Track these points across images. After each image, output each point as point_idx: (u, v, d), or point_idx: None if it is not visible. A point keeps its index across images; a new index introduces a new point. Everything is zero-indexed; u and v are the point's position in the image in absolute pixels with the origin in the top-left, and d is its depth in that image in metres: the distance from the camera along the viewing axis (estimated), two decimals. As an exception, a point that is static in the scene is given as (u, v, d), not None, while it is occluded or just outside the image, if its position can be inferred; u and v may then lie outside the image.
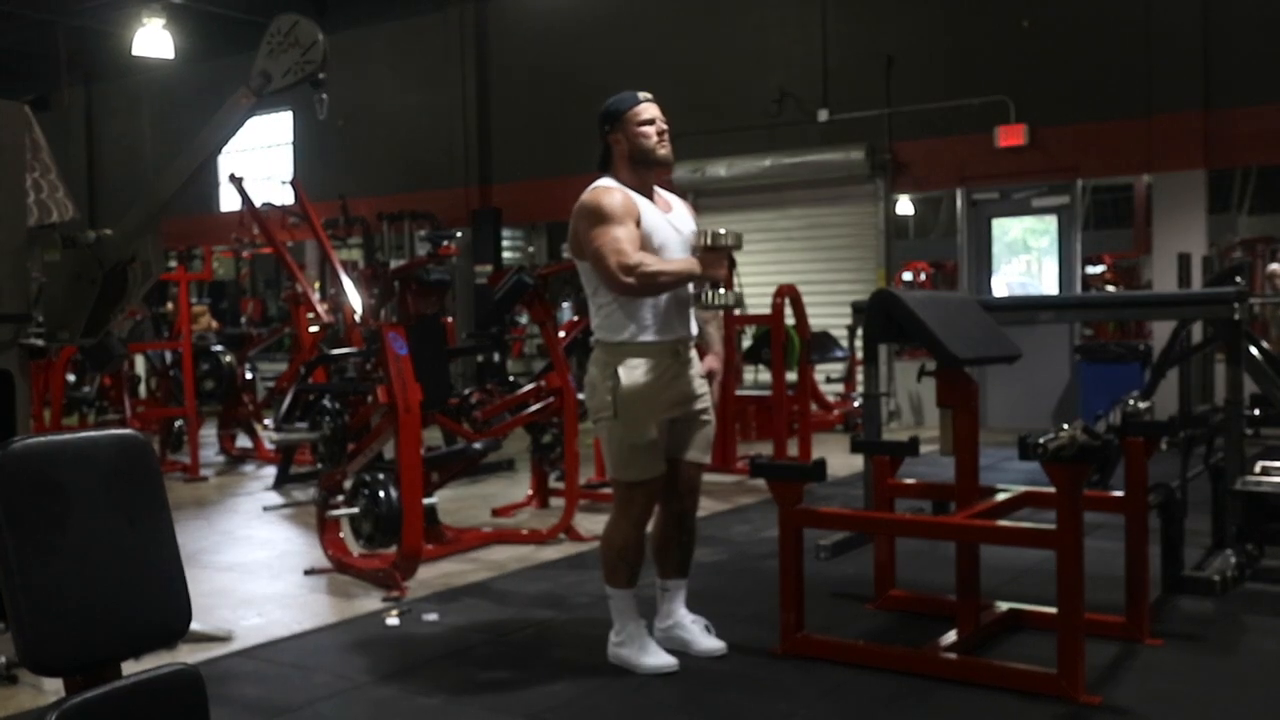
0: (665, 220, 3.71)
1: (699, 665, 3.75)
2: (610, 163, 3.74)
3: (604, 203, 3.57)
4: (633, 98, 3.71)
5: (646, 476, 3.66)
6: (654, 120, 3.68)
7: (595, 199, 3.60)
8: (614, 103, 3.72)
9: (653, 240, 3.63)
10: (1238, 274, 6.47)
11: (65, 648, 1.74)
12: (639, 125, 3.67)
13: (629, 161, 3.69)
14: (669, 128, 3.70)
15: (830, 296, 10.68)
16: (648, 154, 3.67)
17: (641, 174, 3.71)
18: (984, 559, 3.98)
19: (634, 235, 3.55)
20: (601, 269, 3.52)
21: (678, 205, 3.86)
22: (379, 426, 5.18)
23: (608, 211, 3.55)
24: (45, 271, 4.25)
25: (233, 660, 4.00)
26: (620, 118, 3.68)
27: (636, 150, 3.67)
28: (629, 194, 3.63)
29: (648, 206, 3.67)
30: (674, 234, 3.72)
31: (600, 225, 3.53)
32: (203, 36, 15.05)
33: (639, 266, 3.47)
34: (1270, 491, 4.57)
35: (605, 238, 3.51)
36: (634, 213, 3.59)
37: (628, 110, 3.68)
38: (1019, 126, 10.40)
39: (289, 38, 4.34)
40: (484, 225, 13.72)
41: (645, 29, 12.63)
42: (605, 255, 3.49)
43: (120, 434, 1.93)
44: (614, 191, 3.62)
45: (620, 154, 3.70)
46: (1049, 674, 3.40)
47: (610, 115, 3.71)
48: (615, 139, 3.70)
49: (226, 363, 9.21)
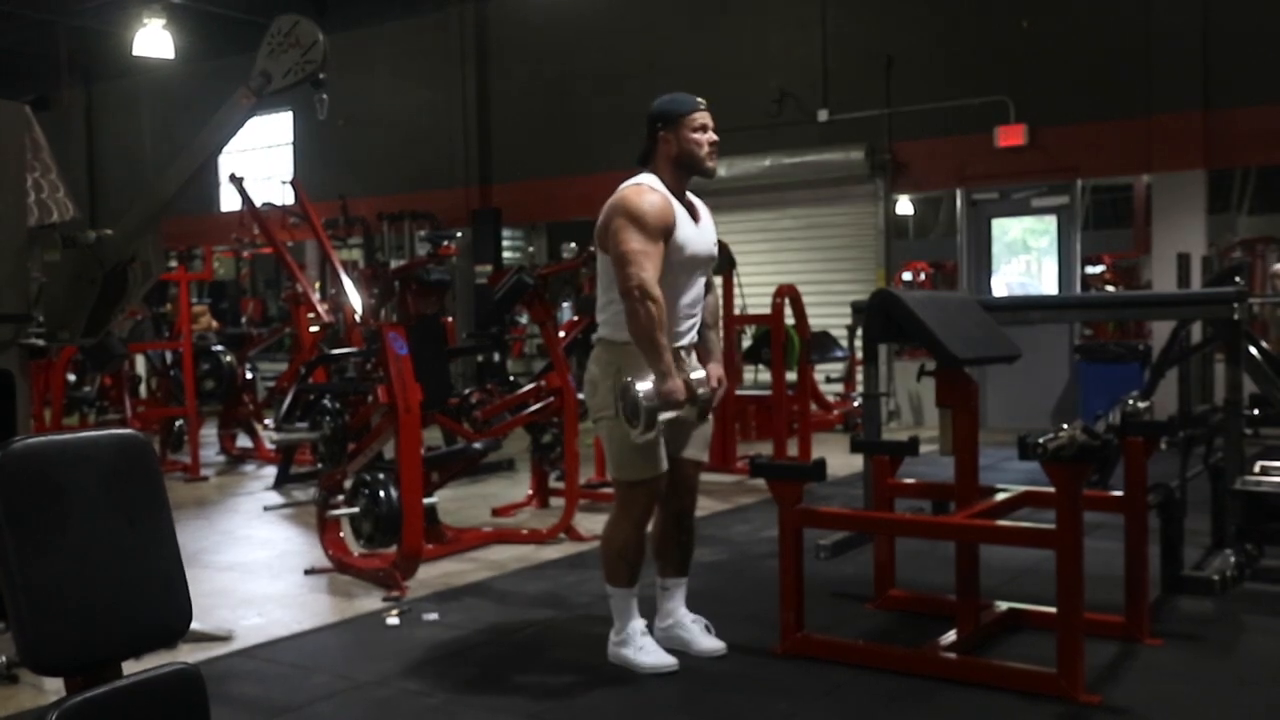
0: (696, 233, 3.68)
1: (699, 665, 3.75)
2: (651, 159, 3.70)
3: (644, 208, 3.52)
4: (692, 102, 3.68)
5: (647, 475, 3.66)
6: (708, 129, 3.67)
7: (637, 200, 3.55)
8: (671, 103, 3.68)
9: (685, 251, 3.60)
10: (1237, 274, 6.47)
11: (66, 647, 1.74)
12: (694, 130, 3.64)
13: (673, 163, 3.66)
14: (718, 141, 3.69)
15: (830, 296, 10.68)
16: (698, 162, 3.65)
17: (682, 178, 3.69)
18: (984, 559, 3.99)
19: (660, 254, 3.50)
20: (622, 273, 3.49)
21: (705, 214, 3.81)
22: (379, 426, 5.18)
23: (644, 219, 3.50)
24: (46, 271, 4.25)
25: (233, 660, 4.01)
26: (677, 119, 3.64)
27: (686, 154, 3.64)
28: (668, 199, 3.59)
29: (683, 216, 3.64)
30: (704, 247, 3.70)
31: (633, 230, 3.50)
32: (203, 36, 15.05)
33: (652, 304, 3.42)
34: (1269, 491, 4.58)
35: (634, 246, 3.47)
36: (669, 225, 3.55)
37: (686, 113, 3.65)
38: (1019, 126, 10.40)
39: (289, 38, 4.35)
40: (484, 225, 13.72)
41: (645, 29, 12.63)
42: (630, 264, 3.46)
43: (121, 434, 1.93)
44: (656, 195, 3.57)
45: (666, 154, 3.66)
46: (1049, 674, 3.40)
47: (666, 114, 3.66)
48: (666, 138, 3.65)
49: (227, 363, 9.22)
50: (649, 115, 3.69)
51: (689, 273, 3.66)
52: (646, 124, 3.69)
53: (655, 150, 3.68)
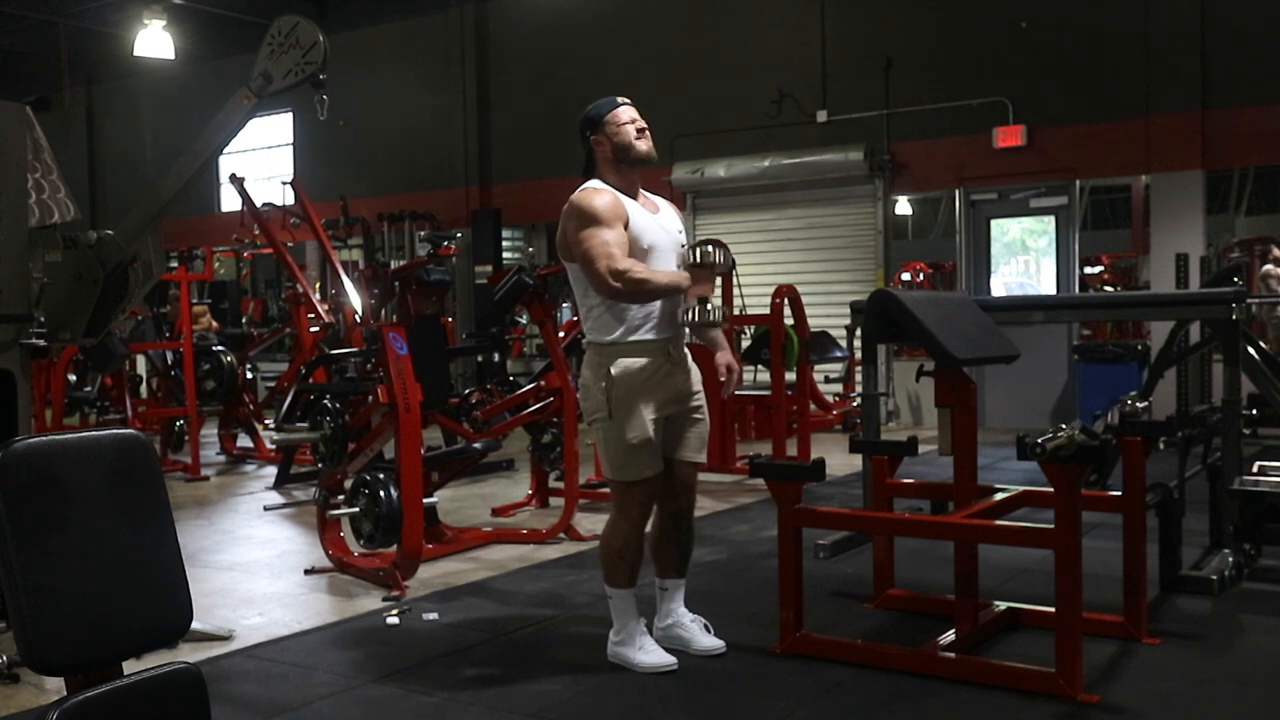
0: (654, 221, 3.74)
1: (698, 664, 3.76)
2: (594, 168, 3.77)
3: (594, 204, 3.60)
4: (610, 102, 3.77)
5: (644, 475, 3.67)
6: (633, 120, 3.73)
7: (584, 200, 3.63)
8: (593, 109, 3.78)
9: (642, 241, 3.65)
10: (1235, 275, 6.48)
11: (67, 647, 1.75)
12: (620, 125, 3.72)
13: (612, 162, 3.73)
14: (648, 126, 3.75)
15: (829, 297, 10.70)
16: (628, 150, 3.70)
17: (626, 174, 3.74)
18: (982, 558, 3.99)
19: (623, 239, 3.57)
20: (590, 272, 3.55)
21: (665, 207, 3.88)
22: (379, 426, 5.19)
23: (597, 213, 3.57)
24: (47, 272, 4.26)
25: (233, 659, 4.01)
26: (600, 121, 3.73)
27: (618, 148, 3.71)
28: (617, 195, 3.66)
29: (635, 208, 3.69)
30: (663, 235, 3.74)
31: (589, 227, 3.57)
32: (204, 37, 15.06)
33: (627, 272, 3.49)
34: (1267, 491, 4.59)
35: (594, 240, 3.54)
36: (622, 215, 3.61)
37: (607, 114, 3.74)
38: (1017, 127, 10.41)
39: (290, 39, 4.36)
40: (484, 225, 13.73)
41: (645, 29, 12.64)
42: (594, 258, 3.52)
43: (121, 434, 1.94)
44: (603, 193, 3.65)
45: (603, 156, 3.74)
46: (1047, 673, 3.41)
47: (590, 121, 3.76)
48: (597, 140, 3.74)
49: (227, 363, 9.22)
50: (579, 128, 3.78)
51: (653, 262, 3.68)
52: (579, 138, 3.78)
53: (593, 157, 3.76)
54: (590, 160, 3.78)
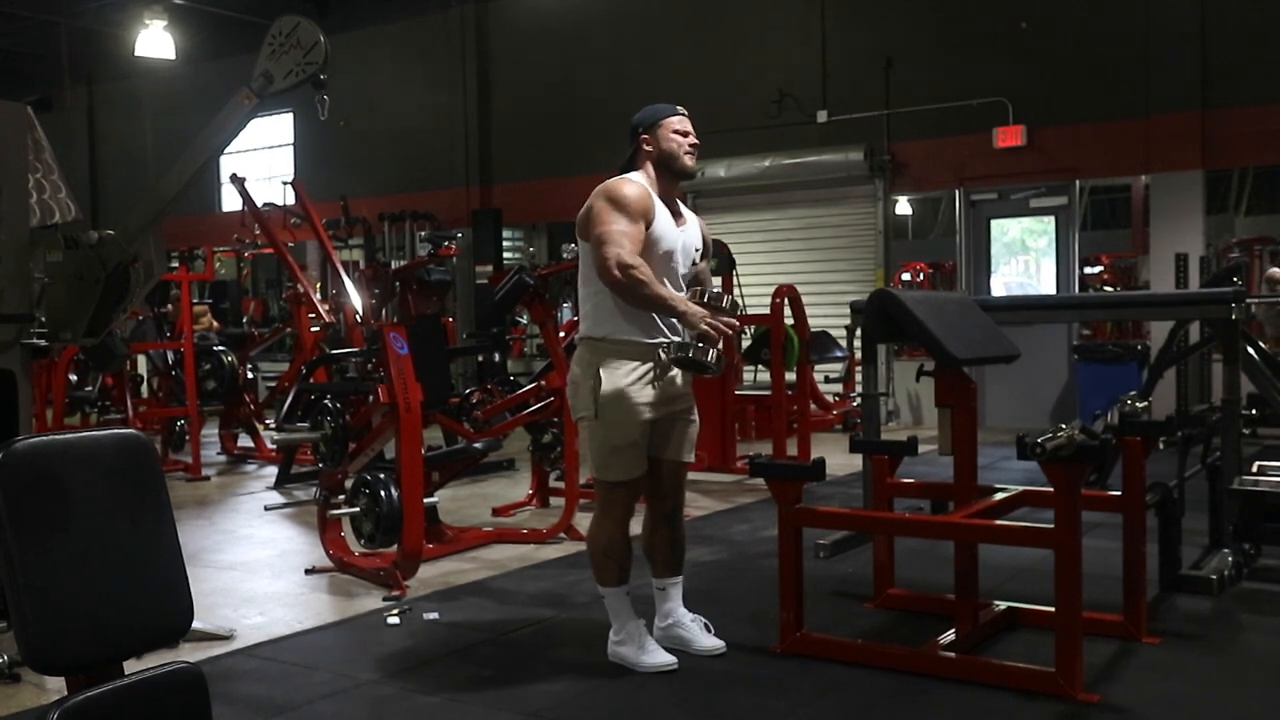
0: (678, 232, 3.74)
1: (698, 664, 3.76)
2: (634, 165, 3.77)
3: (625, 192, 3.61)
4: (670, 108, 3.79)
5: (627, 477, 3.69)
6: (688, 133, 3.76)
7: (616, 186, 3.64)
8: (650, 110, 3.79)
9: (660, 245, 3.65)
10: (1235, 275, 6.48)
11: (68, 646, 1.75)
12: (673, 132, 3.73)
13: (655, 165, 3.75)
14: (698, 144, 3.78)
15: (829, 297, 10.70)
16: (673, 159, 3.72)
17: (664, 180, 3.76)
18: (982, 558, 4.00)
19: (640, 235, 3.58)
20: (599, 254, 3.55)
21: (692, 221, 3.88)
22: (380, 426, 5.19)
23: (625, 202, 3.58)
24: (48, 272, 4.27)
25: (234, 659, 4.02)
26: (658, 122, 3.75)
27: (665, 154, 3.72)
28: (650, 193, 3.67)
29: (663, 211, 3.70)
30: (681, 247, 3.74)
31: (613, 212, 3.57)
32: (204, 37, 15.06)
33: (632, 269, 3.49)
34: (1267, 491, 4.59)
35: (613, 227, 3.55)
36: (648, 213, 3.62)
37: (665, 117, 3.76)
38: (1017, 127, 10.41)
39: (290, 39, 4.37)
40: (484, 225, 13.74)
41: (645, 30, 12.65)
42: (607, 242, 3.53)
43: (122, 434, 1.94)
44: (637, 185, 3.66)
45: (648, 156, 3.75)
46: (1047, 672, 3.41)
47: (647, 119, 3.77)
48: (647, 139, 3.74)
49: (228, 363, 9.23)
50: (632, 124, 3.79)
51: (665, 268, 3.69)
52: (629, 134, 3.79)
53: (638, 155, 3.77)
54: (632, 157, 3.78)
